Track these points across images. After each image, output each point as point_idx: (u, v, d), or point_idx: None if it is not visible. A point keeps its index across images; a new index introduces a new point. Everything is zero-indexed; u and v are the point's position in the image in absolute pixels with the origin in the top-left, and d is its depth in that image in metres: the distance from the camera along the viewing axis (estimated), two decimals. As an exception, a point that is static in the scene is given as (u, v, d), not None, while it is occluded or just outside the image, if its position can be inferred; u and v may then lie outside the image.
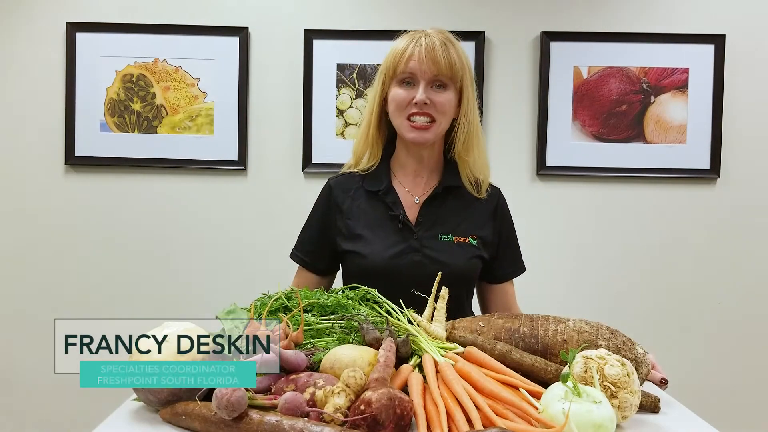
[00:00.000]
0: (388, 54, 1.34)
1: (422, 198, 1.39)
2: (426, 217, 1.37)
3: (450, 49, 1.30)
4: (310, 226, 1.47)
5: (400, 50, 1.31)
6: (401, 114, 1.32)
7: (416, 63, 1.29)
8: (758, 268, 2.39)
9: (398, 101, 1.31)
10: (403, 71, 1.30)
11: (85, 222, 2.39)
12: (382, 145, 1.42)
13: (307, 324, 1.10)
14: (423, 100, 1.28)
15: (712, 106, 2.34)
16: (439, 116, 1.31)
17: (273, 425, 0.80)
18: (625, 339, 1.04)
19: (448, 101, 1.31)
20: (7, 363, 2.42)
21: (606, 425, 0.80)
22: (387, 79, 1.34)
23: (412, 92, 1.30)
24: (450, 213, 1.38)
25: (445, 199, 1.39)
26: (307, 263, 1.45)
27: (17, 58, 2.37)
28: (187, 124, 2.36)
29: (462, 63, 1.32)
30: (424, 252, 1.34)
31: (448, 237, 1.35)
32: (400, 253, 1.33)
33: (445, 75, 1.30)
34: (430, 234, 1.35)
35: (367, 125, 1.39)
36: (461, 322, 1.13)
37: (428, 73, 1.29)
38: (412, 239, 1.34)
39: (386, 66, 1.33)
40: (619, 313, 2.36)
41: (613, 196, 2.38)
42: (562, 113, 2.35)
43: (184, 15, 2.36)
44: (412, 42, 1.30)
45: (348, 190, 1.42)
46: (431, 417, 0.86)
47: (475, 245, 1.37)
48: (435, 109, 1.30)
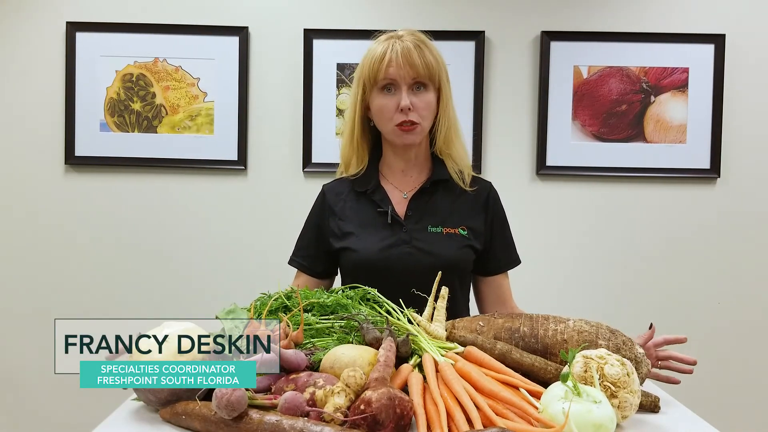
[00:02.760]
0: (363, 60, 1.36)
1: (410, 193, 1.42)
2: (414, 210, 1.40)
3: (424, 50, 1.33)
4: (306, 231, 1.50)
5: (378, 58, 1.33)
6: (389, 122, 1.35)
7: (395, 69, 1.31)
8: (758, 268, 2.39)
9: (384, 110, 1.35)
10: (384, 78, 1.33)
11: (85, 222, 2.39)
12: (368, 149, 1.45)
13: (307, 324, 1.10)
14: (407, 105, 1.32)
15: (712, 105, 2.34)
16: (421, 119, 1.35)
17: (273, 425, 0.80)
18: (625, 339, 1.04)
19: (429, 102, 1.35)
20: (7, 363, 2.42)
21: (606, 425, 0.80)
22: (367, 87, 1.37)
23: (395, 98, 1.33)
24: (439, 205, 1.41)
25: (434, 193, 1.42)
26: (304, 267, 1.47)
27: (17, 57, 2.37)
28: (187, 124, 2.36)
29: (438, 62, 1.36)
30: (413, 244, 1.36)
31: (437, 228, 1.38)
32: (390, 246, 1.36)
33: (424, 76, 1.33)
34: (419, 226, 1.38)
35: (350, 132, 1.43)
36: (461, 321, 1.13)
37: (407, 77, 1.32)
38: (402, 232, 1.37)
39: (365, 73, 1.35)
40: (619, 312, 2.36)
41: (613, 195, 2.38)
42: (562, 113, 2.35)
43: (184, 15, 2.36)
44: (388, 48, 1.32)
45: (340, 193, 1.46)
46: (431, 417, 0.86)
47: (466, 236, 1.39)
48: (417, 113, 1.34)
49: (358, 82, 1.38)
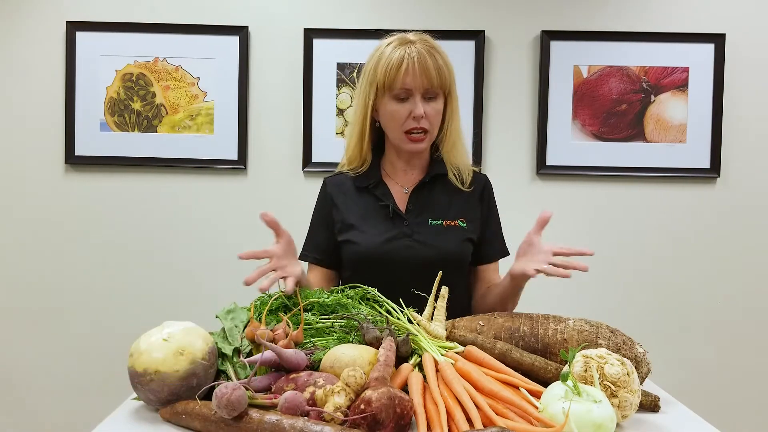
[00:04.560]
0: (377, 65, 1.34)
1: (411, 188, 1.44)
2: (415, 204, 1.41)
3: (438, 58, 1.34)
4: (314, 224, 1.51)
5: (395, 65, 1.32)
6: (399, 128, 1.36)
7: (411, 78, 1.32)
8: (758, 268, 2.39)
9: (396, 116, 1.35)
10: (401, 87, 1.32)
11: (85, 221, 2.39)
12: (372, 147, 1.46)
13: (307, 323, 1.10)
14: (422, 114, 1.33)
15: (712, 105, 2.34)
16: (431, 126, 1.37)
17: (273, 424, 0.80)
18: (625, 338, 1.04)
19: (438, 112, 1.37)
20: (7, 363, 2.42)
21: (606, 424, 0.80)
22: (380, 90, 1.36)
23: (407, 106, 1.34)
24: (438, 199, 1.43)
25: (433, 187, 1.44)
26: (318, 260, 1.48)
27: (17, 57, 2.37)
28: (187, 124, 2.36)
29: (449, 69, 1.37)
30: (414, 237, 1.38)
31: (438, 221, 1.40)
32: (391, 239, 1.37)
33: (437, 86, 1.34)
34: (420, 220, 1.40)
35: (358, 133, 1.42)
36: (461, 321, 1.13)
37: (422, 87, 1.33)
38: (403, 226, 1.39)
39: (379, 79, 1.34)
40: (619, 312, 2.36)
41: (613, 195, 2.38)
42: (562, 112, 2.35)
43: (184, 14, 2.36)
44: (404, 55, 1.32)
45: (341, 185, 1.47)
46: (431, 416, 0.86)
47: (465, 228, 1.41)
48: (428, 121, 1.35)
49: (371, 86, 1.37)
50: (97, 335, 2.40)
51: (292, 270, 1.23)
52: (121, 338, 2.10)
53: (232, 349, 1.01)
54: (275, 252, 1.23)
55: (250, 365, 0.98)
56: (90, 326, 2.40)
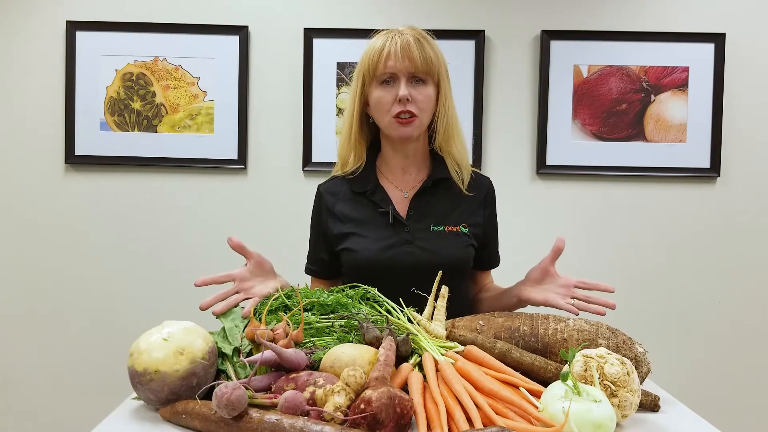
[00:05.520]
0: (363, 55, 1.35)
1: (411, 192, 1.41)
2: (416, 209, 1.38)
3: (424, 44, 1.32)
4: (312, 237, 1.50)
5: (377, 51, 1.32)
6: (387, 113, 1.34)
7: (393, 62, 1.30)
8: (758, 267, 2.39)
9: (383, 101, 1.33)
10: (383, 72, 1.32)
11: (85, 221, 2.39)
12: (366, 146, 1.44)
13: (307, 323, 1.10)
14: (405, 95, 1.30)
15: (712, 104, 2.34)
16: (419, 111, 1.33)
17: (273, 424, 0.80)
18: (625, 338, 1.04)
19: (427, 96, 1.34)
20: (7, 363, 2.42)
21: (606, 424, 0.80)
22: (367, 81, 1.35)
23: (393, 90, 1.32)
24: (440, 204, 1.40)
25: (435, 192, 1.41)
26: (318, 273, 1.48)
27: (17, 57, 2.37)
28: (187, 123, 2.36)
29: (437, 57, 1.35)
30: (416, 244, 1.35)
31: (440, 227, 1.37)
32: (392, 245, 1.35)
33: (422, 71, 1.32)
34: (422, 225, 1.37)
35: (349, 128, 1.41)
36: (461, 321, 1.13)
37: (406, 70, 1.31)
38: (404, 232, 1.36)
39: (364, 68, 1.35)
40: (619, 312, 2.34)
41: (613, 194, 2.38)
42: (562, 112, 2.35)
43: (184, 14, 2.36)
44: (387, 41, 1.32)
45: (336, 193, 1.44)
46: (431, 416, 0.86)
47: (467, 233, 1.39)
48: (415, 105, 1.32)
49: (358, 77, 1.37)
50: (97, 335, 2.40)
51: (258, 290, 1.21)
52: (121, 338, 2.10)
53: (232, 349, 1.01)
54: (238, 275, 1.21)
55: (250, 365, 0.98)
56: (90, 326, 2.41)
